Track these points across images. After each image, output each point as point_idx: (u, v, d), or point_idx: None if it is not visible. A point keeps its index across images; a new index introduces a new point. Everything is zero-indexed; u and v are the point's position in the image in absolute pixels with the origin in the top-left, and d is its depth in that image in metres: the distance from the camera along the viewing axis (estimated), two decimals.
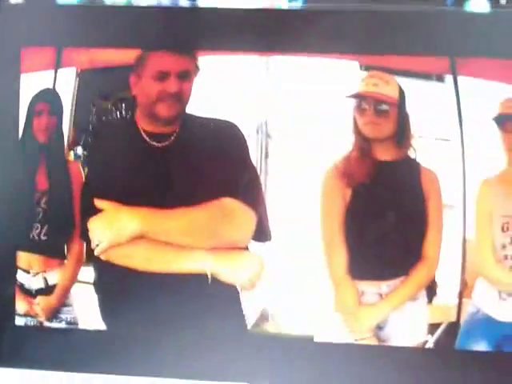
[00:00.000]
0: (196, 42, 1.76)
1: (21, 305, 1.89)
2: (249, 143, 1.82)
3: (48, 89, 1.90)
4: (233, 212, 1.67)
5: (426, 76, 1.87)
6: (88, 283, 1.82)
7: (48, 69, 1.90)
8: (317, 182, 1.81)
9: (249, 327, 1.80)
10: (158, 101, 1.69)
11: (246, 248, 1.71)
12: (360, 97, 1.79)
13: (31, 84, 1.86)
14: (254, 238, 1.72)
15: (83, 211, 1.73)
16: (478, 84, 1.82)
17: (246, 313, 1.74)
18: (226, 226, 1.67)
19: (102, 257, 1.68)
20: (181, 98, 1.70)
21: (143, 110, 1.73)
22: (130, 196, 1.67)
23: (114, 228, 1.66)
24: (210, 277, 1.64)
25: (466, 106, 1.82)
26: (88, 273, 1.82)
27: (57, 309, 1.92)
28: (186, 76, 1.70)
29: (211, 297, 1.66)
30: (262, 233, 1.72)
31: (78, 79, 1.94)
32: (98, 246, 1.68)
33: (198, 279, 1.65)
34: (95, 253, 1.69)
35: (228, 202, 1.66)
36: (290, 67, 1.86)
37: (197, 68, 1.73)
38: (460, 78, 1.82)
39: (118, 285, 1.71)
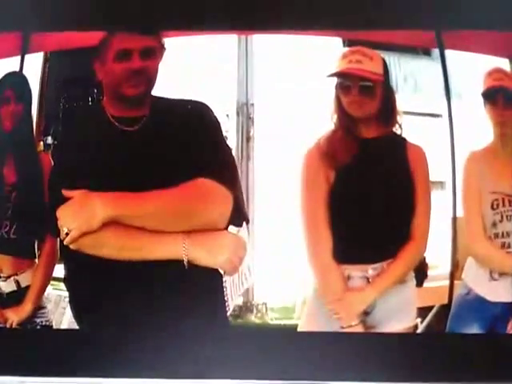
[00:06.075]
0: (163, 21, 1.80)
1: None
2: (229, 126, 1.87)
3: (14, 72, 1.92)
4: (208, 191, 1.68)
5: (411, 50, 1.94)
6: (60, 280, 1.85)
7: (14, 55, 1.93)
8: (300, 164, 1.84)
9: (231, 318, 1.82)
10: (123, 81, 1.71)
11: (225, 229, 1.71)
12: (343, 75, 1.82)
13: None
14: (231, 223, 1.72)
15: (51, 203, 1.72)
16: (464, 57, 1.88)
17: (227, 302, 1.75)
18: (201, 205, 1.68)
19: (72, 246, 1.67)
20: (146, 76, 1.72)
21: (110, 94, 1.76)
22: (102, 183, 1.68)
23: (84, 214, 1.65)
24: (186, 261, 1.67)
25: (453, 80, 1.88)
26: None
27: (31, 312, 1.93)
28: (150, 53, 1.72)
29: (189, 284, 1.67)
30: (239, 216, 1.73)
31: (46, 64, 1.99)
32: (67, 235, 1.67)
33: (175, 266, 1.66)
34: (65, 242, 1.67)
35: (203, 182, 1.68)
36: (270, 46, 1.91)
37: (162, 47, 1.75)
38: (447, 52, 1.88)
39: (88, 278, 1.71)
